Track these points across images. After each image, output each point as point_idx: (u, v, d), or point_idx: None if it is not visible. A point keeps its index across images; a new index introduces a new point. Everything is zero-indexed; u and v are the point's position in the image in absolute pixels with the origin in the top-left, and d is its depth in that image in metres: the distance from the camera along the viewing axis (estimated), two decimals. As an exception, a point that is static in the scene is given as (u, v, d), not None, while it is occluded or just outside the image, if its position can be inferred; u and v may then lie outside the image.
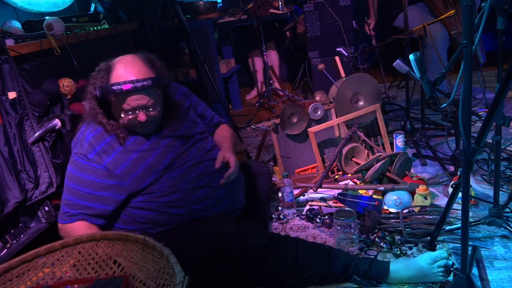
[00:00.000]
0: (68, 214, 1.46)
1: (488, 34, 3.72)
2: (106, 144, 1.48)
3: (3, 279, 1.21)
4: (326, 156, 2.42)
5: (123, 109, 1.44)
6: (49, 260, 1.30)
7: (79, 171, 1.46)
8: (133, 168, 1.47)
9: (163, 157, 1.51)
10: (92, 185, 1.45)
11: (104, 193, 1.46)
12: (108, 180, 1.46)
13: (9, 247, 1.67)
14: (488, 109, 1.37)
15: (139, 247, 1.29)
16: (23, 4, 2.18)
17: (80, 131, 1.53)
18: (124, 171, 1.46)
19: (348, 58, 2.98)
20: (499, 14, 1.32)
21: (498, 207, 1.59)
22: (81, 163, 1.46)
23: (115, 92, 1.40)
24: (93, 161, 1.46)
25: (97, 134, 1.49)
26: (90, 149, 1.46)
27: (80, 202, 1.45)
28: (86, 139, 1.48)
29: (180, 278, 1.04)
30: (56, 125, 1.83)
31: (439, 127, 2.77)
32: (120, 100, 1.43)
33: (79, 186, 1.45)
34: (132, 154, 1.49)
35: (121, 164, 1.47)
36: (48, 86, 1.85)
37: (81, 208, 1.45)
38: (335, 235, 1.68)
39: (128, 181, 1.47)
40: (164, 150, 1.53)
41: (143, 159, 1.49)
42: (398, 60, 1.62)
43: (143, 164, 1.48)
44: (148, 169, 1.48)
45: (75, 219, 1.46)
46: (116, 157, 1.47)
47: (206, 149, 1.64)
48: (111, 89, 1.40)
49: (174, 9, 2.90)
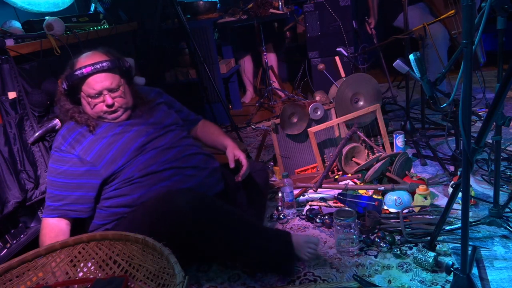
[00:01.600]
0: (50, 208, 1.52)
1: (488, 34, 3.72)
2: (78, 134, 1.57)
3: (3, 279, 1.21)
4: (326, 156, 2.42)
5: (90, 95, 1.54)
6: (49, 260, 1.31)
7: (55, 163, 1.54)
8: (104, 151, 1.54)
9: (134, 139, 1.58)
10: (67, 174, 1.52)
11: (79, 180, 1.52)
12: (81, 167, 1.53)
13: (9, 247, 1.67)
14: (488, 109, 1.37)
15: (139, 247, 1.29)
16: (23, 4, 2.19)
17: (58, 132, 1.63)
18: (95, 156, 1.53)
19: (348, 58, 2.98)
20: (499, 14, 1.32)
21: (498, 207, 1.59)
22: (56, 156, 1.55)
23: (78, 77, 1.51)
24: (65, 151, 1.54)
25: (70, 127, 1.58)
26: (62, 141, 1.55)
27: (59, 193, 1.52)
28: (60, 134, 1.59)
29: (180, 278, 1.04)
30: (56, 125, 1.82)
31: (439, 127, 2.77)
32: (87, 87, 1.53)
33: (56, 178, 1.53)
34: (103, 139, 1.56)
35: (92, 150, 1.54)
36: (48, 86, 1.85)
37: (61, 198, 1.51)
38: (335, 235, 1.68)
39: (101, 165, 1.53)
40: (136, 133, 1.60)
41: (114, 142, 1.56)
42: (398, 60, 1.62)
43: (114, 147, 1.55)
44: (119, 151, 1.55)
45: (56, 213, 1.52)
46: (87, 144, 1.55)
47: (180, 137, 1.70)
48: (74, 75, 1.51)
49: (174, 9, 2.90)
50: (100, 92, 1.55)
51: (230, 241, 1.48)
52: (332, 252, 1.67)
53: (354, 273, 1.52)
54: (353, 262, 1.59)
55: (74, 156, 1.53)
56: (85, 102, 1.58)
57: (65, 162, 1.53)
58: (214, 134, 1.92)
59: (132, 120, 1.64)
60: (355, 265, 1.57)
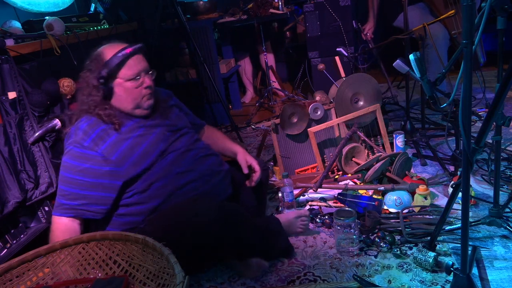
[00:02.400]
0: (64, 206, 1.46)
1: (488, 34, 3.72)
2: (101, 131, 1.50)
3: (3, 279, 1.21)
4: (326, 156, 2.42)
5: (129, 78, 1.50)
6: (49, 260, 1.31)
7: (74, 160, 1.47)
8: (129, 153, 1.50)
9: (156, 143, 1.56)
10: (88, 173, 1.46)
11: (101, 180, 1.47)
12: (104, 166, 1.47)
13: (9, 247, 1.67)
14: (488, 109, 1.37)
15: (139, 247, 1.29)
16: (23, 4, 2.19)
17: (73, 126, 1.55)
18: (120, 157, 1.49)
19: (348, 58, 2.98)
20: (499, 14, 1.32)
21: (498, 207, 1.59)
22: (77, 152, 1.47)
23: (121, 58, 1.47)
24: (88, 148, 1.47)
25: (91, 123, 1.51)
26: (85, 137, 1.48)
27: (77, 191, 1.45)
28: (81, 128, 1.50)
29: (180, 278, 1.04)
30: (56, 125, 1.83)
31: (439, 127, 2.77)
32: (126, 69, 1.50)
33: (75, 175, 1.46)
34: (127, 140, 1.52)
35: (116, 150, 1.49)
36: (48, 86, 1.85)
37: (79, 197, 1.45)
38: (335, 235, 1.68)
39: (125, 166, 1.49)
40: (157, 137, 1.57)
41: (138, 145, 1.52)
42: (398, 60, 1.62)
43: (139, 149, 1.52)
44: (143, 154, 1.52)
45: (72, 213, 1.46)
46: (112, 143, 1.49)
47: (193, 140, 1.69)
48: (117, 57, 1.47)
49: (174, 9, 2.90)
50: (139, 73, 1.52)
51: (243, 246, 1.52)
52: (332, 252, 1.67)
53: (354, 273, 1.52)
54: (353, 262, 1.59)
55: (97, 154, 1.46)
56: (122, 90, 1.52)
57: (87, 159, 1.46)
58: (221, 139, 1.92)
59: (151, 121, 1.61)
60: (355, 265, 1.57)
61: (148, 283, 1.23)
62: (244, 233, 1.50)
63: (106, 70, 1.48)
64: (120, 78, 1.51)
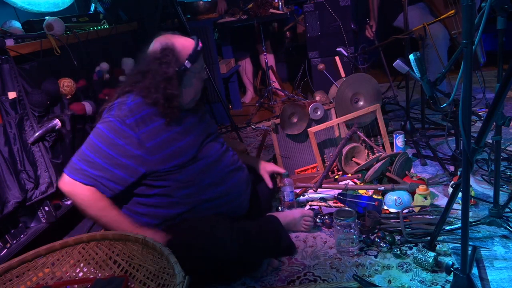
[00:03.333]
0: (86, 174, 1.42)
1: (488, 34, 3.72)
2: (146, 114, 1.48)
3: (3, 279, 1.21)
4: (326, 156, 2.42)
5: (199, 70, 1.58)
6: (49, 260, 1.31)
7: (111, 132, 1.43)
8: (165, 145, 1.49)
9: (192, 145, 1.55)
10: (119, 150, 1.43)
11: (128, 161, 1.44)
12: (136, 149, 1.45)
13: (9, 247, 1.67)
14: (488, 109, 1.37)
15: (139, 247, 1.29)
16: (23, 4, 2.18)
17: (116, 100, 1.52)
18: (156, 146, 1.47)
19: (348, 58, 2.98)
20: (499, 14, 1.32)
21: (498, 207, 1.59)
22: (117, 125, 1.44)
23: (199, 51, 1.55)
24: (128, 127, 1.44)
25: (138, 103, 1.49)
26: (129, 114, 1.45)
27: (102, 163, 1.42)
28: (127, 105, 1.47)
29: (180, 278, 1.04)
30: (56, 125, 1.83)
31: (439, 127, 2.77)
32: (199, 62, 1.56)
33: (106, 147, 1.43)
34: (167, 132, 1.50)
35: (155, 138, 1.47)
36: (48, 86, 1.85)
37: (101, 169, 1.42)
38: (335, 235, 1.68)
39: (156, 157, 1.47)
40: (194, 139, 1.56)
41: (175, 140, 1.51)
42: (398, 60, 1.62)
43: (175, 145, 1.51)
44: (178, 151, 1.51)
45: (91, 182, 1.42)
46: (153, 130, 1.47)
47: (224, 149, 1.69)
48: (198, 50, 1.55)
49: (174, 9, 2.90)
50: (203, 66, 1.61)
51: (256, 262, 1.56)
52: (332, 252, 1.67)
53: (354, 273, 1.52)
54: (353, 262, 1.59)
55: (135, 135, 1.44)
56: (191, 81, 1.56)
57: (124, 137, 1.43)
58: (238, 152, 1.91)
59: (192, 119, 1.62)
60: (355, 265, 1.57)
61: (148, 283, 1.23)
62: (258, 251, 1.54)
63: (188, 62, 1.52)
64: (192, 69, 1.55)
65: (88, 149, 1.44)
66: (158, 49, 1.51)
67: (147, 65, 1.52)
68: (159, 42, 1.53)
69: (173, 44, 1.52)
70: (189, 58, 1.52)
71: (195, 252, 1.41)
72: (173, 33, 1.58)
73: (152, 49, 1.53)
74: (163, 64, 1.49)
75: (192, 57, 1.52)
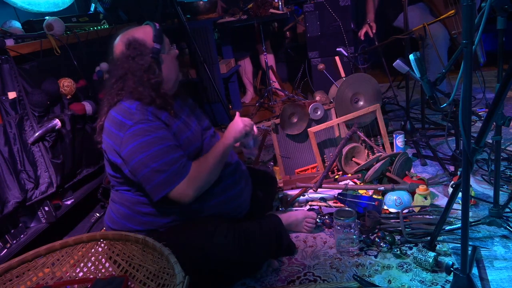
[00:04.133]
0: (182, 165, 1.42)
1: (488, 34, 3.72)
2: (153, 109, 1.48)
3: (3, 279, 1.21)
4: (326, 156, 2.42)
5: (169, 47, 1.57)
6: (49, 260, 1.31)
7: (148, 135, 1.41)
8: (182, 131, 1.52)
9: (196, 138, 1.56)
10: (167, 138, 1.43)
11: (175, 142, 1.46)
12: (170, 132, 1.47)
13: (9, 247, 1.67)
14: (488, 109, 1.37)
15: (139, 247, 1.29)
16: (23, 4, 2.19)
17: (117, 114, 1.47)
18: (177, 130, 1.50)
19: (348, 58, 2.98)
20: (499, 14, 1.32)
21: (498, 207, 1.59)
22: (146, 127, 1.42)
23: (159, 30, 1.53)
24: (153, 120, 1.44)
25: (138, 104, 1.47)
26: (145, 112, 1.45)
27: (176, 155, 1.42)
28: (133, 109, 1.45)
29: (180, 278, 1.04)
30: (56, 125, 1.83)
31: (439, 127, 2.77)
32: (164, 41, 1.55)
33: (159, 145, 1.41)
34: (177, 121, 1.53)
35: (172, 124, 1.50)
36: (48, 86, 1.85)
37: (182, 157, 1.43)
38: (335, 235, 1.68)
39: (180, 140, 1.49)
40: (196, 133, 1.58)
41: (185, 129, 1.54)
42: (398, 60, 1.62)
43: (186, 133, 1.53)
44: (187, 140, 1.52)
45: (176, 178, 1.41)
46: (166, 119, 1.49)
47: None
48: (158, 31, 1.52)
49: (174, 9, 2.90)
50: (170, 43, 1.59)
51: (256, 264, 1.58)
52: (332, 252, 1.67)
53: (354, 273, 1.52)
54: (353, 262, 1.59)
55: (161, 123, 1.45)
56: (169, 61, 1.56)
57: (158, 128, 1.43)
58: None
59: (185, 111, 1.63)
60: (355, 265, 1.57)
61: (148, 283, 1.23)
62: (258, 252, 1.54)
63: (156, 44, 1.50)
64: (164, 51, 1.54)
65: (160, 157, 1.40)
66: (124, 48, 1.50)
67: (121, 68, 1.50)
68: (120, 41, 1.52)
69: (133, 36, 1.51)
70: (155, 40, 1.51)
71: (195, 252, 1.41)
72: (126, 30, 1.57)
73: (118, 52, 1.51)
74: (136, 58, 1.48)
75: (156, 37, 1.51)
